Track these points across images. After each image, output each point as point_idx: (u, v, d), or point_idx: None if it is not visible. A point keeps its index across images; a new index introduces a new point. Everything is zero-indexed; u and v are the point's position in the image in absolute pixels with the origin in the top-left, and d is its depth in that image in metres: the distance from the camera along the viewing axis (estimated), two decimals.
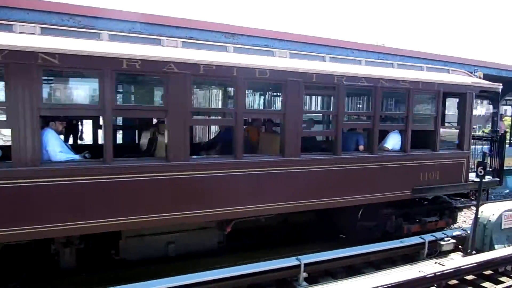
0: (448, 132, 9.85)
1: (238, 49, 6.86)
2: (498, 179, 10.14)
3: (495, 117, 20.63)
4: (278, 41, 10.33)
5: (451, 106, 12.37)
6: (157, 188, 5.96)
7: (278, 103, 9.90)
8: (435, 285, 6.46)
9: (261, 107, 11.59)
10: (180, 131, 6.05)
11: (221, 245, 7.74)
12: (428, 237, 8.43)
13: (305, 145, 7.47)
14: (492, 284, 6.72)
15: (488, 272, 7.15)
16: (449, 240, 8.41)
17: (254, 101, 11.83)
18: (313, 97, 12.75)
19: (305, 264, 6.82)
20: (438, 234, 8.62)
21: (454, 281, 6.74)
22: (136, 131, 9.88)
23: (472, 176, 9.44)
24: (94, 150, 6.50)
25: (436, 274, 6.40)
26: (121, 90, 9.94)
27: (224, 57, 6.50)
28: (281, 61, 7.03)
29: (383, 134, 8.72)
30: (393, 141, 8.62)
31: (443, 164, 8.84)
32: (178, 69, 5.84)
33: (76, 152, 6.12)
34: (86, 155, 6.10)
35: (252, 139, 8.21)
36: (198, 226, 7.24)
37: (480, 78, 9.82)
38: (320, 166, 7.42)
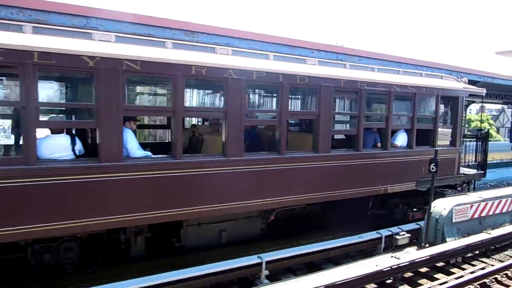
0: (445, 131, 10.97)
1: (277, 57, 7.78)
2: (483, 171, 11.71)
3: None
4: (239, 40, 10.30)
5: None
6: (216, 181, 6.75)
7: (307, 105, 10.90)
8: (391, 278, 6.69)
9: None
10: (236, 130, 6.87)
11: (263, 232, 8.59)
12: (384, 232, 8.72)
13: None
14: (444, 275, 7.02)
15: (441, 264, 7.48)
16: (404, 235, 8.74)
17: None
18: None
19: (267, 262, 6.87)
20: (394, 229, 8.94)
21: (409, 274, 7.00)
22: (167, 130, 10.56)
23: (462, 169, 11.22)
24: (144, 147, 6.92)
25: (392, 267, 6.62)
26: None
27: (272, 64, 7.40)
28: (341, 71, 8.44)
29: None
30: (401, 139, 9.79)
31: (440, 159, 9.70)
32: (235, 75, 6.67)
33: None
34: (149, 152, 6.60)
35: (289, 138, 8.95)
36: (245, 215, 8.07)
37: (465, 83, 11.09)
38: (346, 161, 8.54)
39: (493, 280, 6.82)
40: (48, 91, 7.79)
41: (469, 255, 7.93)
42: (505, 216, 9.95)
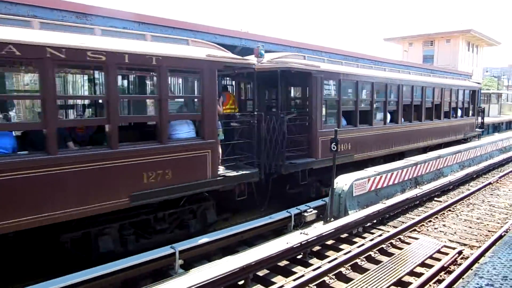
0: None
1: None
2: (482, 129, 22.25)
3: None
4: (138, 24, 9.75)
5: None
6: None
7: None
8: (301, 253, 7.04)
9: None
10: None
11: None
12: (293, 211, 9.12)
13: None
14: (348, 245, 7.59)
15: (345, 235, 8.06)
16: (311, 211, 9.23)
17: None
18: None
19: (180, 251, 6.75)
20: (302, 207, 9.39)
21: (317, 247, 7.43)
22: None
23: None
24: None
25: (302, 243, 6.96)
26: None
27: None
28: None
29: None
30: None
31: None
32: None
33: None
34: None
35: None
36: None
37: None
38: None
39: (389, 245, 7.55)
40: None
41: (368, 224, 8.66)
42: (397, 186, 11.07)
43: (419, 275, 6.22)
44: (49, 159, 5.63)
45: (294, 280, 6.00)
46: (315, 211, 9.33)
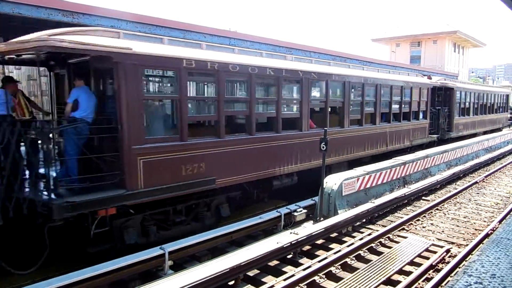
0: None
1: None
2: (511, 121, 32.66)
3: None
4: (126, 23, 9.64)
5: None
6: None
7: None
8: (292, 252, 7.03)
9: None
10: None
11: None
12: (283, 210, 9.11)
13: None
14: (338, 244, 7.61)
15: (334, 234, 8.08)
16: (301, 211, 9.22)
17: None
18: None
19: (169, 252, 6.68)
20: (292, 206, 9.39)
21: (307, 247, 7.43)
22: None
23: None
24: None
25: (292, 243, 6.96)
26: None
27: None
28: None
29: None
30: None
31: None
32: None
33: None
34: None
35: None
36: None
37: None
38: None
39: (378, 243, 7.59)
40: None
41: (358, 223, 8.70)
42: (386, 185, 11.15)
43: (408, 273, 6.26)
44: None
45: (285, 280, 5.99)
46: (305, 211, 9.33)
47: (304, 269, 6.36)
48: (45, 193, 6.10)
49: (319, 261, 6.68)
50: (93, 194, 6.18)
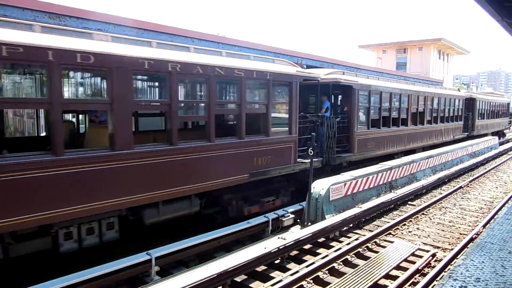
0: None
1: None
2: None
3: None
4: (113, 26, 9.59)
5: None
6: None
7: None
8: (279, 258, 7.03)
9: None
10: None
11: None
12: (271, 215, 9.10)
13: None
14: (325, 249, 7.63)
15: (322, 239, 8.11)
16: (289, 216, 9.23)
17: None
18: None
19: (156, 258, 6.62)
20: (280, 211, 9.38)
21: (295, 252, 7.44)
22: None
23: None
24: None
25: (280, 248, 6.96)
26: None
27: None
28: None
29: None
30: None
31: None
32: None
33: None
34: None
35: None
36: None
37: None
38: None
39: (365, 248, 7.64)
40: None
41: (345, 228, 8.75)
42: (372, 190, 11.24)
43: (394, 278, 6.31)
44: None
45: (272, 285, 5.98)
46: (293, 216, 9.34)
47: (291, 274, 6.36)
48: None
49: (307, 266, 6.68)
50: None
